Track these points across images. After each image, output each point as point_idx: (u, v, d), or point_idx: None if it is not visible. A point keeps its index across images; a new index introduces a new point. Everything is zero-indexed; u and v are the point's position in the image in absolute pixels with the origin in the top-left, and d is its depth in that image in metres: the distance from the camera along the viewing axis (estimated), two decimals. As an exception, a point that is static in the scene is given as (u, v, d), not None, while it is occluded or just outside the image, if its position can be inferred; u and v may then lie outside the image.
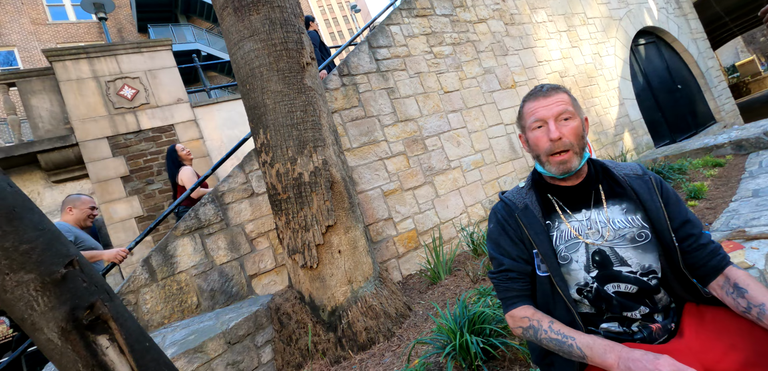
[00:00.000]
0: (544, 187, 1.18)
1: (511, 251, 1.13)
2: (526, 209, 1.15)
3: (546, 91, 1.14)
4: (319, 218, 2.33)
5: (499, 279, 1.13)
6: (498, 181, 4.32)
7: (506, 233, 1.15)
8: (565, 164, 1.08)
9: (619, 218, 1.11)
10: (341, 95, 3.70)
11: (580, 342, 0.97)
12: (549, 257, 1.09)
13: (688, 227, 1.08)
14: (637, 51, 7.04)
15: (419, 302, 2.74)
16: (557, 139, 1.07)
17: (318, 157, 2.45)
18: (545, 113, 1.10)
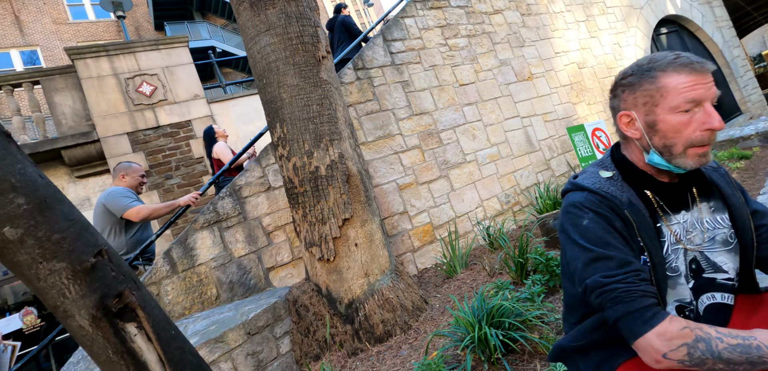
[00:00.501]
0: (638, 180, 0.98)
1: (626, 249, 0.90)
2: (632, 206, 0.93)
3: (702, 63, 0.89)
4: (336, 211, 2.34)
5: (628, 284, 0.84)
6: (514, 175, 4.27)
7: (615, 230, 0.91)
8: (706, 157, 0.90)
9: (708, 218, 0.99)
10: (356, 89, 3.70)
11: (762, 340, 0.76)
12: (659, 268, 0.92)
13: (757, 217, 1.00)
14: (658, 41, 6.84)
15: (435, 295, 2.74)
16: (721, 128, 0.87)
17: (334, 150, 2.46)
18: (704, 93, 0.88)
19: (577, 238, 0.92)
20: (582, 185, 0.98)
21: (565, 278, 1.08)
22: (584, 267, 0.90)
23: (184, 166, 5.78)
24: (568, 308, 1.08)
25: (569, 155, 4.73)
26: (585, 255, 0.90)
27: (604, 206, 0.92)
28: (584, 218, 0.92)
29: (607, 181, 0.97)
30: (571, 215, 0.95)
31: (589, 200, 0.93)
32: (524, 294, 2.04)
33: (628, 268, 0.86)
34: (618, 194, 0.94)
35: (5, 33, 13.38)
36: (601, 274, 0.87)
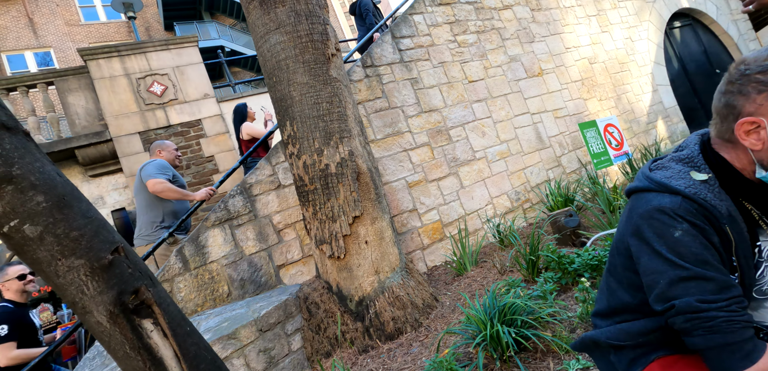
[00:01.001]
0: (740, 189, 0.85)
1: (725, 270, 0.80)
2: (732, 220, 0.82)
3: None
4: (346, 209, 2.35)
5: (730, 313, 0.76)
6: (524, 172, 4.23)
7: (712, 246, 0.80)
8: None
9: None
10: (365, 87, 3.70)
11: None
12: (748, 291, 0.84)
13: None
14: (671, 35, 6.72)
15: (445, 293, 2.73)
16: None
17: (344, 148, 2.46)
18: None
19: (665, 251, 0.81)
20: (673, 187, 0.84)
21: (613, 279, 1.01)
22: (671, 285, 0.80)
23: (195, 164, 5.84)
24: (610, 309, 1.02)
25: (580, 151, 4.67)
26: (674, 272, 0.80)
27: (701, 217, 0.80)
28: (676, 228, 0.81)
29: (703, 185, 0.83)
30: (657, 223, 0.83)
31: (684, 208, 0.81)
32: (536, 292, 2.02)
33: (729, 294, 0.77)
34: (717, 203, 0.81)
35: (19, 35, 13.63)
36: (697, 298, 0.77)
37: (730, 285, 0.78)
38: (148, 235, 2.95)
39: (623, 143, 4.16)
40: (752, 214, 0.85)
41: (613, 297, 1.02)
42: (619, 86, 5.48)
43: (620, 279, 0.98)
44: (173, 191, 2.93)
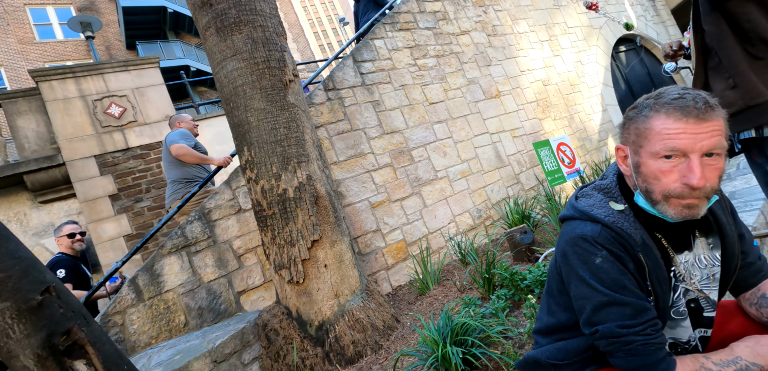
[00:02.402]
0: (648, 219, 0.92)
1: (640, 293, 0.86)
2: (646, 247, 0.88)
3: (702, 108, 0.79)
4: (305, 233, 2.36)
5: (646, 336, 0.83)
6: (485, 189, 4.38)
7: (629, 272, 0.86)
8: (692, 210, 0.82)
9: (707, 255, 0.96)
10: (327, 109, 3.74)
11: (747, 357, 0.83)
12: (663, 313, 0.90)
13: (741, 243, 0.99)
14: (618, 58, 7.20)
15: (408, 313, 2.77)
16: (700, 187, 0.79)
17: (302, 172, 2.48)
18: (690, 143, 0.80)
19: (588, 277, 0.87)
20: (594, 216, 0.90)
21: (552, 299, 1.07)
22: (595, 311, 0.87)
23: (155, 188, 5.66)
24: (548, 328, 1.08)
25: (537, 169, 4.89)
26: (597, 298, 0.86)
27: (618, 245, 0.87)
28: (596, 256, 0.87)
29: (620, 215, 0.90)
30: (580, 250, 0.89)
31: (603, 236, 0.87)
32: (489, 310, 2.09)
33: (645, 318, 0.83)
34: (632, 232, 0.87)
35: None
36: (617, 323, 0.84)
37: (646, 309, 0.85)
38: (176, 192, 3.47)
39: (575, 161, 4.39)
40: (662, 242, 0.93)
41: (551, 317, 1.08)
42: (571, 107, 5.79)
43: (557, 300, 1.05)
44: (193, 155, 3.43)
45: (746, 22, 1.38)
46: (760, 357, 0.82)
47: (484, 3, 5.52)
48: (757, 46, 1.38)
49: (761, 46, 1.38)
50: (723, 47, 1.45)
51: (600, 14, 4.55)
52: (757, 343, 0.85)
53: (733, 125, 1.47)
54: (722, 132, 0.81)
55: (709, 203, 0.84)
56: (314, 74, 4.66)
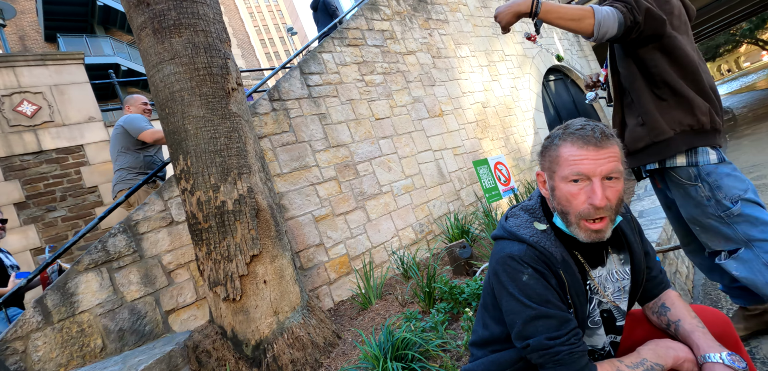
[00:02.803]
0: (566, 237, 1.02)
1: (563, 306, 0.94)
2: (566, 264, 0.97)
3: (600, 138, 0.92)
4: (244, 247, 2.26)
5: (570, 346, 0.90)
6: (427, 205, 4.51)
7: (552, 287, 0.94)
8: (600, 233, 0.93)
9: (619, 269, 1.07)
10: (272, 120, 3.66)
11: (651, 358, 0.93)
12: (582, 324, 0.99)
13: (646, 259, 1.11)
14: (548, 86, 7.85)
15: (349, 329, 2.75)
16: (602, 206, 0.90)
17: (243, 184, 2.39)
18: (591, 168, 0.91)
19: (517, 293, 0.94)
20: (520, 236, 0.99)
21: (486, 313, 1.13)
22: (524, 324, 0.93)
23: (72, 196, 5.12)
24: (483, 340, 1.13)
25: (476, 186, 5.14)
26: (526, 312, 0.93)
27: (541, 263, 0.95)
28: (523, 273, 0.94)
29: (543, 234, 0.99)
30: (509, 268, 0.96)
31: (529, 255, 0.95)
32: (429, 323, 2.14)
33: (568, 328, 0.91)
34: (553, 250, 0.96)
35: None
36: (545, 336, 0.91)
37: (568, 320, 0.93)
38: (127, 180, 3.34)
39: (511, 179, 4.68)
40: (579, 259, 1.02)
41: (485, 329, 1.14)
42: (507, 128, 6.19)
43: (491, 314, 1.11)
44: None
45: (653, 67, 1.58)
46: (660, 358, 0.93)
47: (429, 26, 5.76)
48: (662, 89, 1.59)
49: (665, 89, 1.58)
50: (634, 89, 1.65)
51: (534, 45, 4.94)
52: (658, 346, 0.96)
53: (642, 157, 1.67)
54: (618, 158, 0.93)
55: (613, 224, 0.95)
56: (259, 83, 4.54)
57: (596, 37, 1.48)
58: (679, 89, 1.55)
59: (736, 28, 36.96)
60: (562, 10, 1.48)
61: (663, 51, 1.56)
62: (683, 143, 1.56)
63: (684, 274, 2.86)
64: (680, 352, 0.94)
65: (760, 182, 4.51)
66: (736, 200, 1.54)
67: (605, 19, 1.44)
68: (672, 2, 1.56)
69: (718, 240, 1.63)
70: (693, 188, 1.59)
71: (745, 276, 1.58)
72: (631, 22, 1.45)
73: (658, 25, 1.49)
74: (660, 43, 1.54)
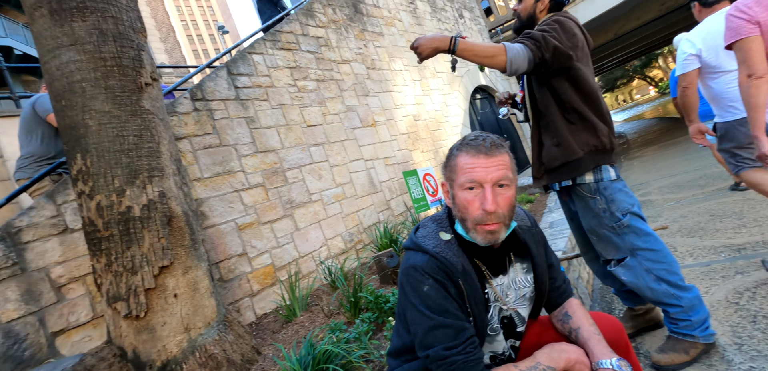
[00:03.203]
0: (468, 246, 1.05)
1: (461, 314, 0.97)
2: (465, 273, 1.00)
3: (489, 147, 0.99)
4: (151, 258, 2.06)
5: (466, 355, 0.93)
6: (358, 214, 4.51)
7: (451, 296, 0.97)
8: (494, 235, 0.98)
9: (521, 278, 1.12)
10: (193, 121, 3.41)
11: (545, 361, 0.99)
12: (481, 331, 1.02)
13: (550, 270, 1.18)
14: (474, 104, 8.35)
15: (271, 343, 2.62)
16: (492, 211, 0.96)
17: (154, 188, 2.19)
18: (483, 175, 0.97)
19: (418, 303, 0.97)
20: (423, 247, 1.02)
21: (400, 323, 1.14)
22: (425, 334, 0.96)
23: None
24: (397, 350, 1.14)
25: (406, 196, 5.26)
26: (426, 322, 0.96)
27: (442, 273, 0.98)
28: (424, 284, 0.97)
29: (446, 244, 1.02)
30: (412, 279, 1.00)
31: (430, 266, 0.98)
32: (353, 334, 2.12)
33: (464, 336, 0.94)
34: (454, 260, 0.99)
35: None
36: (443, 346, 0.94)
37: (464, 328, 0.96)
38: (29, 168, 3.03)
39: (438, 191, 4.86)
40: (480, 267, 1.07)
41: (399, 339, 1.15)
42: (437, 142, 6.45)
43: (404, 323, 1.12)
44: None
45: (563, 94, 1.75)
46: (553, 360, 0.99)
47: (365, 37, 5.82)
48: (571, 114, 1.76)
49: (574, 114, 1.76)
50: (549, 113, 1.81)
51: (461, 66, 5.20)
52: (552, 349, 1.03)
53: (559, 175, 1.83)
54: (508, 166, 1.00)
55: (508, 229, 1.02)
56: (181, 80, 4.22)
57: (509, 73, 1.61)
58: (585, 114, 1.74)
59: (630, 65, 42.74)
60: (477, 48, 1.58)
61: (570, 81, 1.74)
62: (591, 161, 1.75)
63: (585, 279, 3.18)
64: (572, 354, 1.01)
65: (645, 198, 5.21)
66: (625, 213, 1.75)
67: (516, 56, 1.57)
68: (577, 35, 1.75)
69: (610, 249, 1.83)
70: (593, 200, 1.78)
71: (631, 281, 1.80)
72: (539, 59, 1.60)
73: (565, 59, 1.66)
74: (567, 74, 1.72)
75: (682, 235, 3.44)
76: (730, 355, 1.77)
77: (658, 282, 1.73)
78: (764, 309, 2.01)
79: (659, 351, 1.81)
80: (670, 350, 1.79)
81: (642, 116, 25.72)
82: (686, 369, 1.78)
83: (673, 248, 3.22)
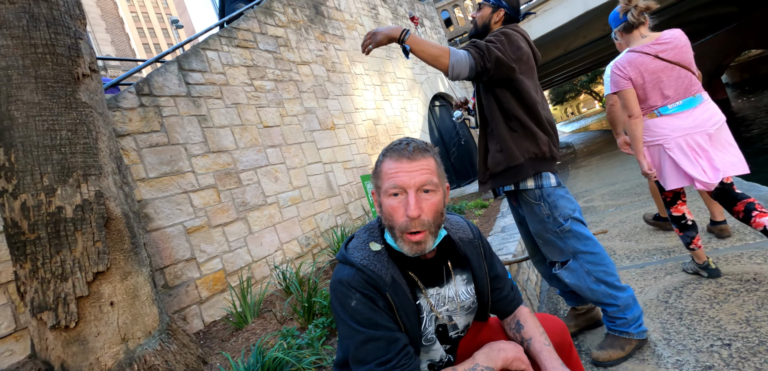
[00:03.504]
0: (399, 257, 1.02)
1: (393, 325, 0.95)
2: (395, 286, 0.97)
3: (412, 151, 0.96)
4: (85, 263, 1.90)
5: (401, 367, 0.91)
6: (315, 218, 4.44)
7: (380, 309, 0.94)
8: (420, 245, 0.95)
9: (461, 289, 1.11)
10: (138, 117, 3.21)
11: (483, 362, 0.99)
12: (415, 341, 1.00)
13: (496, 281, 1.18)
14: (433, 110, 8.52)
15: (219, 352, 2.51)
16: (416, 217, 0.92)
17: (90, 188, 2.03)
18: (406, 180, 0.94)
19: (347, 319, 0.94)
20: (351, 260, 0.99)
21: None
22: (356, 349, 0.93)
23: None
24: (340, 361, 1.11)
25: (364, 200, 5.26)
26: (356, 336, 0.93)
27: (369, 287, 0.95)
28: (352, 298, 0.94)
29: (375, 256, 0.99)
30: (339, 294, 0.96)
31: (356, 280, 0.95)
32: (306, 340, 2.08)
33: (397, 347, 0.92)
34: (383, 272, 0.96)
35: None
36: (377, 361, 0.91)
37: (396, 339, 0.93)
38: None
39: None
40: (413, 278, 1.05)
41: (340, 352, 1.12)
42: (397, 147, 6.50)
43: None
44: None
45: (505, 103, 1.83)
46: (491, 360, 0.99)
47: (325, 40, 5.77)
48: (513, 122, 1.84)
49: (515, 122, 1.84)
50: (493, 120, 1.87)
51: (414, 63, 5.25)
52: (491, 349, 1.02)
53: (501, 180, 1.89)
54: (432, 171, 0.96)
55: (436, 238, 0.99)
56: (126, 74, 3.96)
57: (451, 77, 1.67)
58: (526, 123, 1.82)
59: (578, 80, 45.58)
60: (424, 44, 1.64)
61: (512, 92, 1.83)
62: (531, 168, 1.83)
63: (534, 281, 3.33)
64: (509, 353, 1.02)
65: (589, 204, 5.55)
66: (567, 218, 1.84)
67: (458, 62, 1.64)
68: (522, 49, 1.82)
69: (555, 253, 1.93)
70: (537, 206, 1.86)
71: (573, 283, 1.90)
72: (480, 68, 1.68)
73: (507, 71, 1.73)
74: (510, 85, 1.81)
75: (621, 239, 3.69)
76: (660, 349, 1.92)
77: (597, 283, 1.84)
78: (689, 307, 2.20)
79: (598, 348, 1.93)
80: (608, 347, 1.90)
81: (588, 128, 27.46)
82: (622, 364, 1.90)
83: (613, 251, 3.45)
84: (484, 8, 1.98)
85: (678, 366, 1.77)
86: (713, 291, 2.27)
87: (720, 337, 1.86)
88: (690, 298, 2.29)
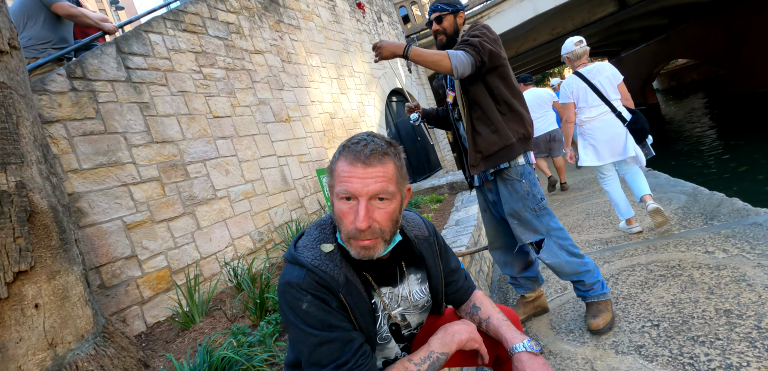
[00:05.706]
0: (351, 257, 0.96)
1: (347, 325, 0.91)
2: (348, 286, 0.93)
3: (368, 155, 0.87)
4: (4, 261, 1.70)
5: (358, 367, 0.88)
6: (269, 212, 4.31)
7: (333, 310, 0.90)
8: (368, 251, 0.90)
9: (415, 289, 1.09)
10: (69, 102, 2.93)
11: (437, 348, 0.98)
12: (371, 340, 0.98)
13: (451, 275, 1.18)
14: (390, 106, 8.56)
15: (163, 354, 2.36)
16: (364, 229, 0.86)
17: (10, 178, 1.81)
18: (358, 187, 0.86)
19: (299, 322, 0.89)
20: (300, 260, 0.93)
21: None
22: (311, 352, 0.88)
23: None
24: (292, 363, 1.08)
25: (320, 194, 5.18)
26: (310, 340, 0.88)
27: (321, 288, 0.90)
28: (303, 301, 0.89)
29: (327, 257, 0.93)
30: (289, 297, 0.90)
31: (307, 282, 0.89)
32: (257, 338, 2.01)
33: (353, 348, 0.88)
34: (336, 273, 0.91)
35: None
36: (332, 365, 0.87)
37: (352, 339, 0.90)
38: (35, 49, 3.15)
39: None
40: (367, 277, 1.02)
41: (291, 353, 1.09)
42: (354, 141, 6.46)
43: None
44: (88, 15, 3.23)
45: (495, 89, 1.98)
46: (446, 345, 0.98)
47: (281, 29, 5.60)
48: (502, 106, 1.99)
49: (504, 106, 1.99)
50: (484, 105, 1.99)
51: (377, 63, 5.26)
52: (445, 334, 1.01)
53: (497, 159, 1.98)
54: (389, 178, 0.88)
55: (390, 244, 0.94)
56: (54, 55, 3.59)
57: (456, 76, 1.84)
58: (514, 106, 1.99)
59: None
60: (425, 54, 1.82)
61: (500, 77, 1.99)
62: (521, 147, 1.99)
63: (486, 272, 3.44)
64: (463, 335, 1.02)
65: (537, 200, 5.84)
66: (542, 196, 2.00)
67: (460, 62, 1.80)
68: (498, 39, 2.00)
69: (530, 231, 2.02)
70: (519, 183, 1.99)
71: (553, 262, 2.01)
72: (479, 62, 1.86)
73: (498, 59, 1.94)
74: (498, 72, 1.97)
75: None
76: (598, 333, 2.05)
77: (570, 255, 2.00)
78: (624, 292, 2.38)
79: (592, 318, 2.03)
80: (598, 313, 2.03)
81: (536, 128, 28.86)
82: (563, 345, 2.01)
83: (557, 242, 3.66)
84: (445, 18, 2.06)
85: (614, 346, 1.91)
86: (644, 277, 2.47)
87: (650, 319, 2.03)
88: (625, 284, 2.47)
